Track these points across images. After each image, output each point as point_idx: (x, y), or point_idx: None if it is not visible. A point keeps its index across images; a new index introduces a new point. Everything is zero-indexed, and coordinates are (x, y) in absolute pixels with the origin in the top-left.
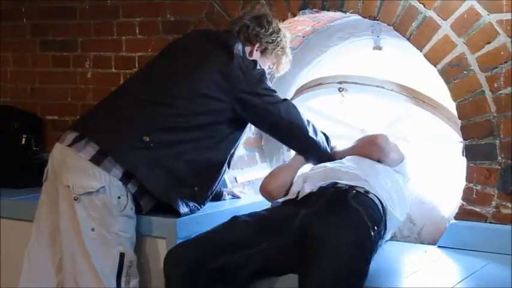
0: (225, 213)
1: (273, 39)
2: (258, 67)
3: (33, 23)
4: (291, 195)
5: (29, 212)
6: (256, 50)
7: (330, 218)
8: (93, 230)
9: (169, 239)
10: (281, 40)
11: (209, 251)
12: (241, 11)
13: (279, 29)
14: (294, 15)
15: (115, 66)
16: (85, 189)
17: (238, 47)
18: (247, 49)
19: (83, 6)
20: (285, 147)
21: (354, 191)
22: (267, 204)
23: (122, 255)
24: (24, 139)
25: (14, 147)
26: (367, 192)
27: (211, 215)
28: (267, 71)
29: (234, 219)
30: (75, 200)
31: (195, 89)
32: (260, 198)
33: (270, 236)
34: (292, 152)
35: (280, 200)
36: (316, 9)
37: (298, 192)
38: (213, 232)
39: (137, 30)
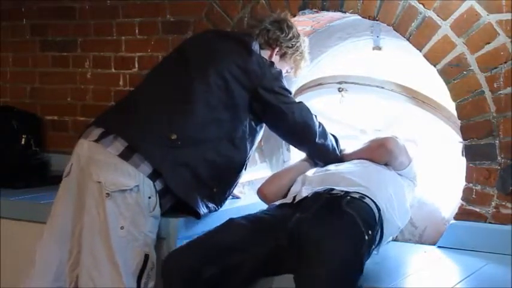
0: (224, 213)
1: (292, 44)
2: (275, 67)
3: (33, 23)
4: (288, 199)
5: (29, 212)
6: (276, 54)
7: (324, 223)
8: (122, 228)
9: (169, 239)
10: (300, 45)
11: (205, 258)
12: (241, 11)
13: (299, 34)
14: (294, 16)
15: (115, 67)
16: (118, 187)
17: (256, 46)
18: (267, 53)
19: (82, 6)
20: (284, 147)
21: (349, 197)
22: (266, 205)
23: (146, 256)
24: (23, 139)
25: (13, 148)
26: (362, 197)
27: (211, 215)
28: (284, 75)
29: (230, 222)
30: (107, 196)
31: (212, 81)
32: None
33: (264, 239)
34: (292, 153)
35: (277, 203)
36: (315, 10)
37: (295, 196)
38: (209, 236)
39: (137, 31)
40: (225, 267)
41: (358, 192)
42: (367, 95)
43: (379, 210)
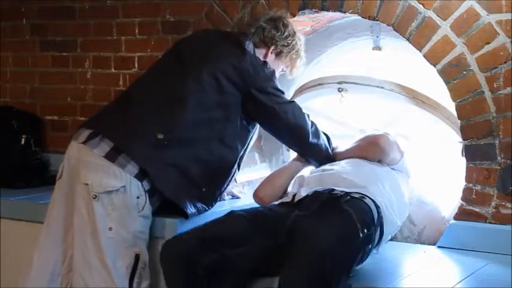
0: (224, 213)
1: (288, 43)
2: (268, 66)
3: (33, 23)
4: (287, 198)
5: (29, 212)
6: (271, 53)
7: (319, 219)
8: (110, 229)
9: (164, 239)
10: (296, 43)
11: (204, 246)
12: (241, 11)
13: (294, 32)
14: (294, 16)
15: (114, 67)
16: (105, 188)
17: (250, 45)
18: (262, 51)
19: (82, 6)
20: (284, 147)
21: (349, 197)
22: None
23: (137, 256)
24: (23, 139)
25: (13, 148)
26: (362, 197)
27: (211, 215)
28: (279, 74)
29: (230, 213)
30: (94, 198)
31: (205, 81)
32: None
33: (262, 236)
34: (292, 153)
35: (277, 202)
36: (315, 10)
37: (295, 195)
38: (209, 226)
39: (137, 31)
40: (223, 256)
41: (358, 193)
42: (367, 95)
43: (378, 209)
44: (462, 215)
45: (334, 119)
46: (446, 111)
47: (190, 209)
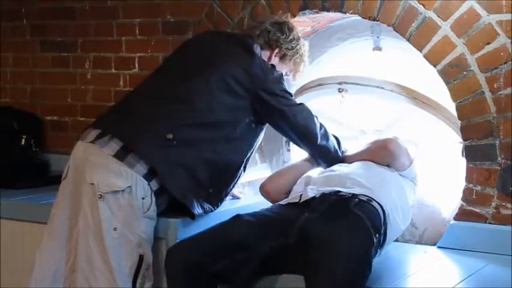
0: (224, 213)
1: (292, 46)
2: (276, 69)
3: (33, 23)
4: (294, 198)
5: (29, 213)
6: (275, 56)
7: (334, 223)
8: (115, 229)
9: (168, 240)
10: (300, 48)
11: (210, 253)
12: (241, 11)
13: (299, 36)
14: (294, 16)
15: (115, 67)
16: (111, 188)
17: (257, 48)
18: (266, 53)
19: (82, 7)
20: (284, 148)
21: (357, 199)
22: (267, 205)
23: (141, 257)
24: (23, 139)
25: (13, 148)
26: (369, 200)
27: (211, 215)
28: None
29: (237, 218)
30: (100, 197)
31: (214, 83)
32: (260, 199)
33: (270, 237)
34: (292, 153)
35: (283, 203)
36: (316, 10)
37: (301, 195)
38: (215, 232)
39: (137, 31)
40: (229, 263)
41: (365, 195)
42: (367, 96)
43: (384, 213)
44: (462, 215)
45: (334, 119)
46: (447, 111)
47: (197, 210)
